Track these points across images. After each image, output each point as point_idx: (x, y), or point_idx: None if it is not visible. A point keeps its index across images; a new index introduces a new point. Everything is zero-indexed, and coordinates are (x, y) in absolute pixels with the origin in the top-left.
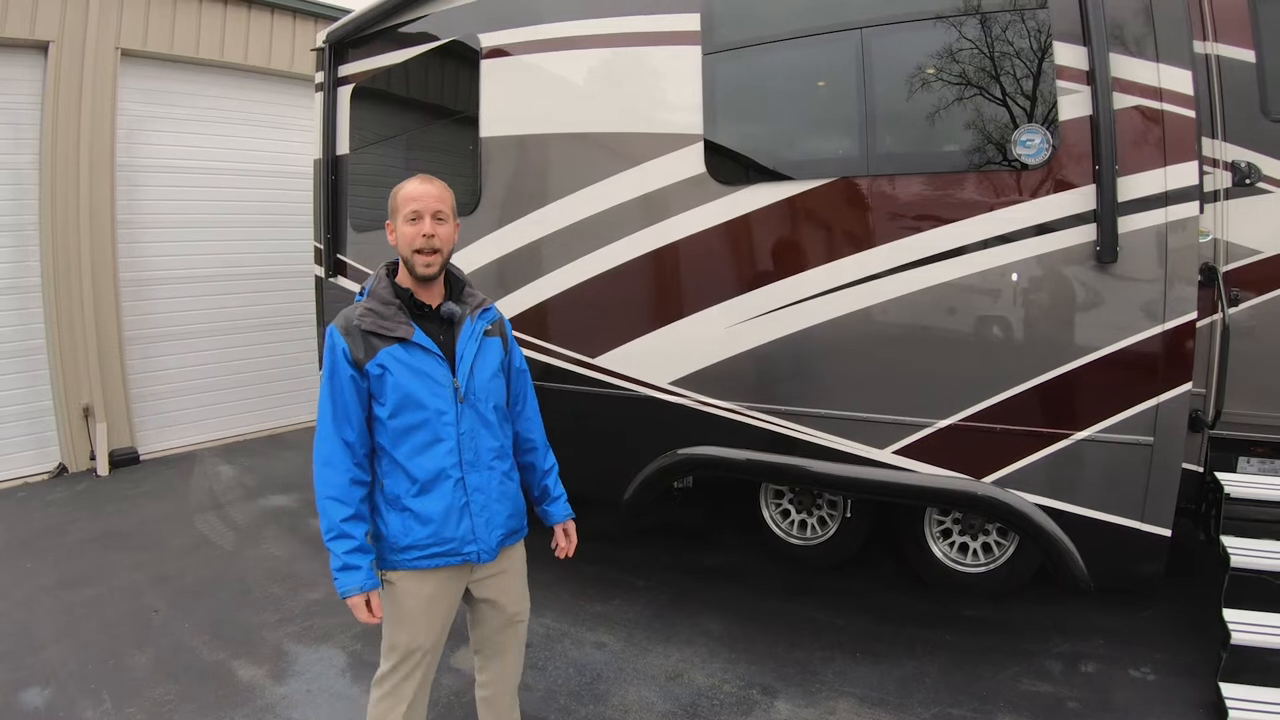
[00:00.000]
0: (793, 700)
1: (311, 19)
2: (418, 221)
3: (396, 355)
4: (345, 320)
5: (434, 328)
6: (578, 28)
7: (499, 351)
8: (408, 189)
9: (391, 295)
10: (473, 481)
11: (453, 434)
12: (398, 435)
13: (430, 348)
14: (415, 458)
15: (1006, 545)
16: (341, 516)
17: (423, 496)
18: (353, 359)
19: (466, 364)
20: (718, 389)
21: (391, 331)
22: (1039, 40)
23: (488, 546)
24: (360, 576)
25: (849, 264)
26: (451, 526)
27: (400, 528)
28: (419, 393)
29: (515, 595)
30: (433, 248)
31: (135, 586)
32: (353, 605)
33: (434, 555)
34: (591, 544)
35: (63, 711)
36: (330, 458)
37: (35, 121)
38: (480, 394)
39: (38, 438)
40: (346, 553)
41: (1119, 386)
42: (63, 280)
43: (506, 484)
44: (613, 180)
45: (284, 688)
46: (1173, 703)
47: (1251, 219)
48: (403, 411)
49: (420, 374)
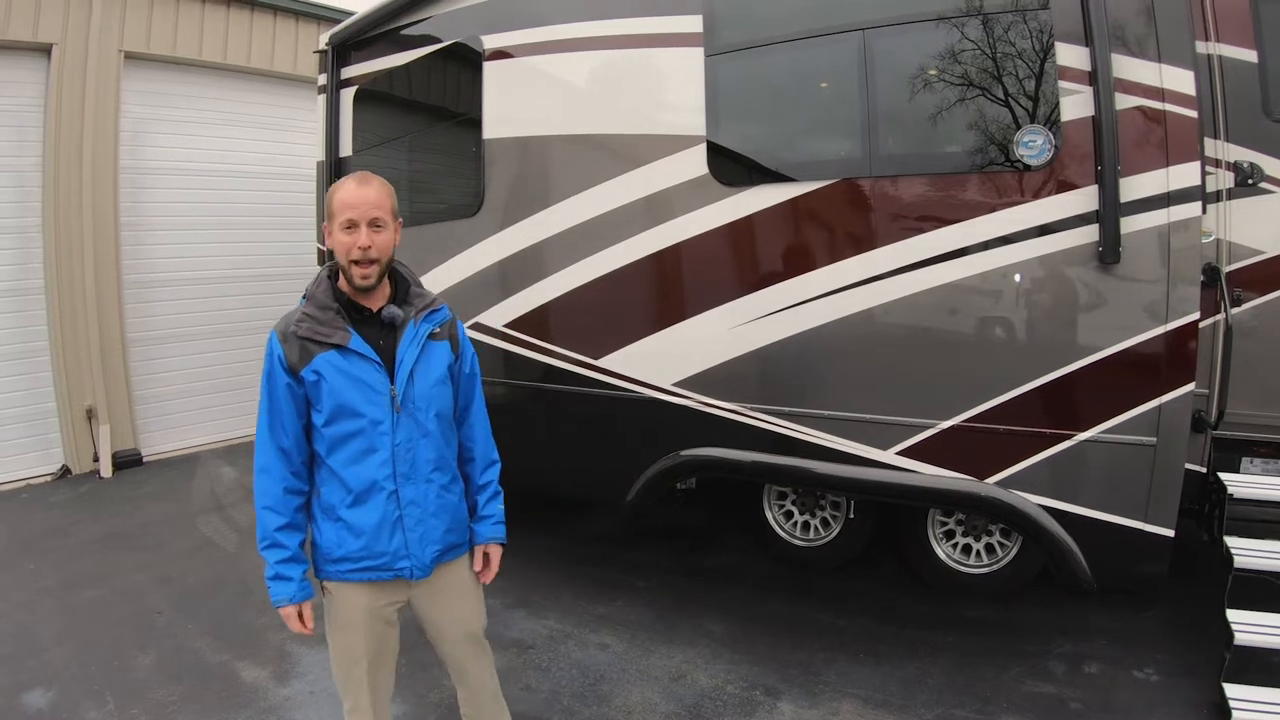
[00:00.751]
0: (796, 701)
1: (314, 21)
2: (353, 231)
3: (333, 362)
4: (284, 325)
5: (374, 332)
6: (580, 29)
7: (446, 356)
8: (342, 193)
9: (330, 299)
10: (407, 495)
11: (388, 444)
12: (333, 443)
13: (367, 354)
14: (350, 467)
15: (1009, 546)
16: (275, 525)
17: (356, 508)
18: (288, 365)
19: (405, 370)
20: (721, 390)
21: (328, 338)
22: (1041, 41)
23: (421, 563)
24: (291, 588)
25: (852, 265)
26: (384, 540)
27: (334, 538)
28: (354, 401)
29: (462, 613)
30: (369, 259)
31: (138, 588)
32: (285, 616)
33: (365, 569)
34: (594, 546)
35: (66, 713)
36: (267, 465)
37: (39, 124)
38: (420, 402)
39: (41, 439)
40: (279, 562)
41: (1122, 387)
42: (66, 282)
43: (445, 497)
44: (616, 182)
45: (287, 689)
46: (1175, 703)
47: (1254, 219)
48: (338, 419)
49: (356, 381)
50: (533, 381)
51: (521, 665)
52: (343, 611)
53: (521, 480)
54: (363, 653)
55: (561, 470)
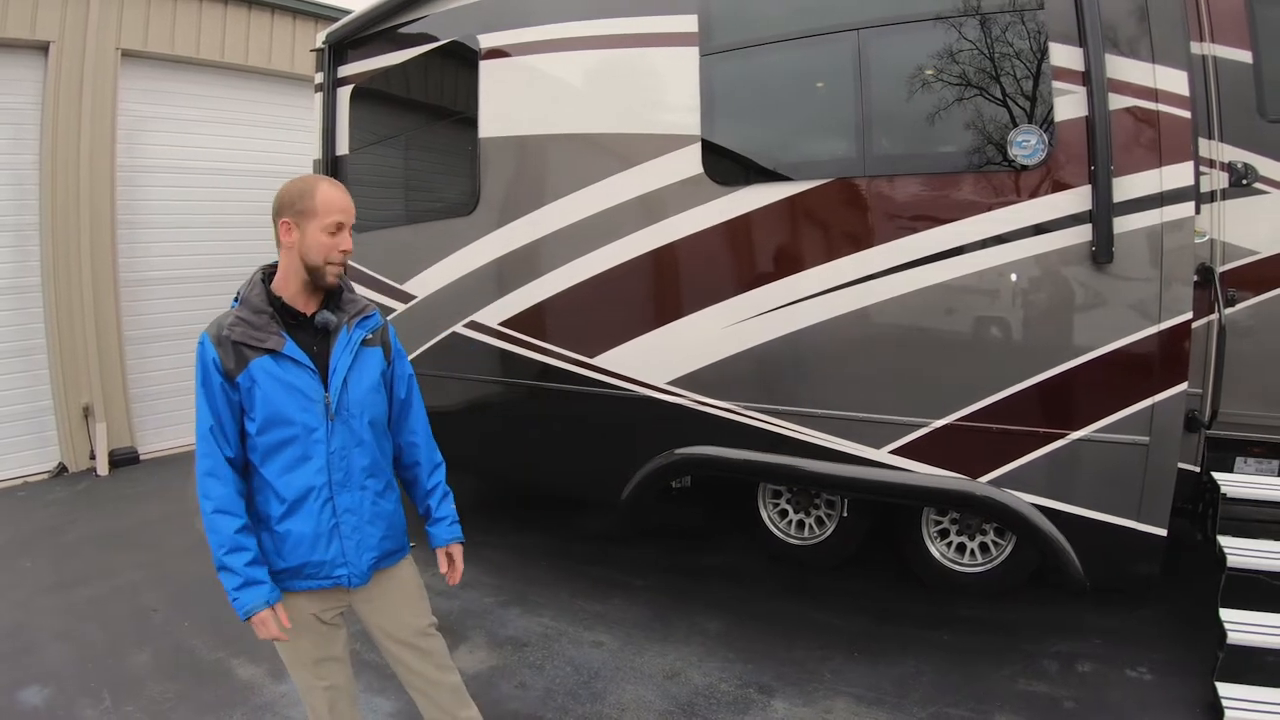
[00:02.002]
0: (790, 699)
1: (311, 19)
2: (338, 234)
3: (266, 368)
4: (217, 328)
5: (308, 338)
6: (576, 29)
7: (379, 362)
8: (329, 196)
9: (264, 303)
10: (343, 502)
11: (323, 452)
12: (266, 452)
13: (302, 360)
14: (283, 476)
15: (1003, 545)
16: (234, 528)
17: (291, 517)
18: (224, 370)
19: (339, 377)
20: (715, 389)
21: (262, 343)
22: (1035, 41)
23: (358, 570)
24: (264, 591)
25: (846, 264)
26: (321, 549)
27: (271, 549)
28: (287, 408)
29: (406, 615)
30: (345, 261)
31: (135, 586)
32: (259, 623)
33: (305, 578)
34: (589, 544)
35: (62, 710)
36: (214, 469)
37: (36, 122)
38: (354, 409)
39: (38, 437)
40: (245, 565)
41: (1115, 386)
42: (63, 280)
43: (380, 504)
44: (611, 181)
45: (282, 686)
46: (1169, 702)
47: (1248, 219)
48: (271, 427)
49: (290, 388)
50: (528, 380)
51: (516, 663)
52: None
53: (517, 478)
54: (308, 655)
55: (556, 468)
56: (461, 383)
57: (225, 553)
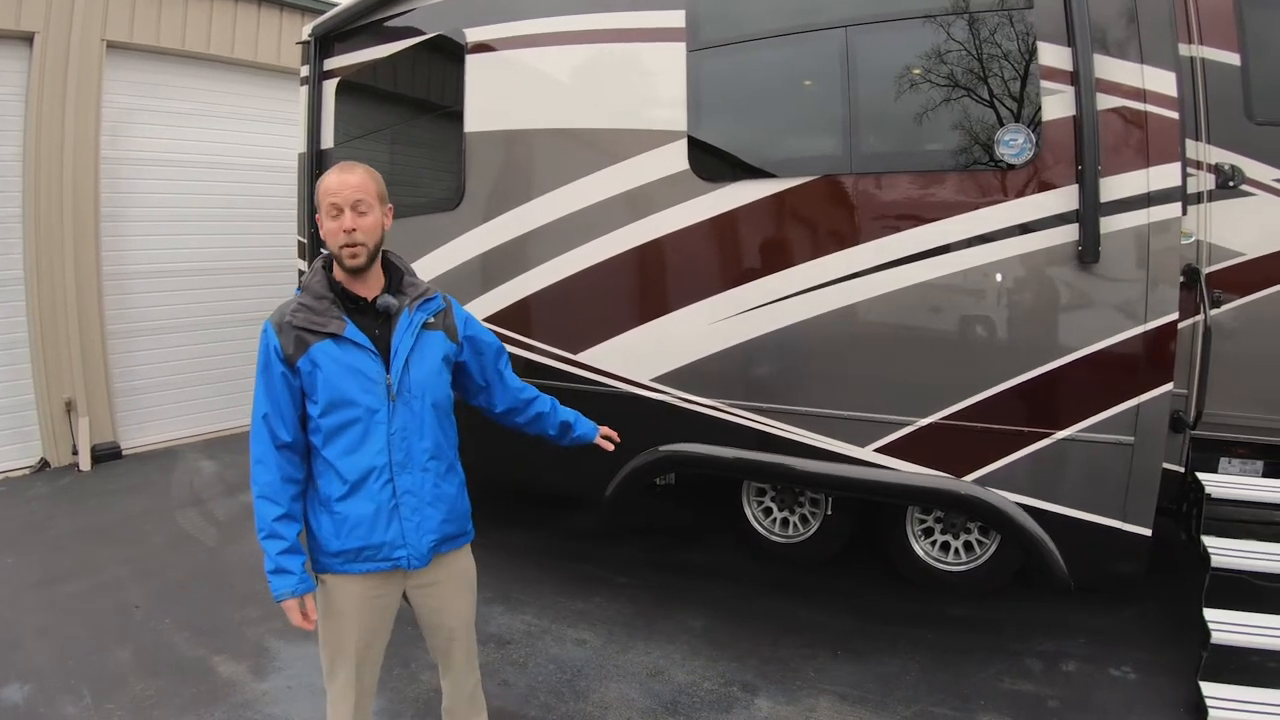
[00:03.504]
0: (773, 698)
1: (298, 12)
2: (338, 216)
3: (328, 351)
4: (279, 315)
5: (369, 322)
6: (563, 23)
7: (442, 345)
8: (327, 182)
9: (325, 289)
10: (403, 483)
11: (384, 433)
12: (329, 434)
13: (363, 343)
14: (345, 457)
15: (988, 544)
16: (273, 516)
17: (351, 498)
18: (284, 355)
19: (401, 359)
20: (700, 386)
21: (323, 327)
22: (1024, 41)
23: (418, 552)
24: (293, 581)
25: (832, 262)
26: (380, 530)
27: (330, 530)
28: (350, 390)
29: (456, 607)
30: (356, 241)
31: (117, 582)
32: (286, 609)
33: (363, 560)
34: (572, 541)
35: (43, 707)
36: (263, 456)
37: (19, 113)
38: (416, 390)
39: (19, 432)
40: (279, 554)
41: (1100, 386)
42: (45, 273)
43: (441, 487)
44: (597, 176)
45: (265, 684)
46: (1153, 701)
47: (1234, 221)
48: (333, 409)
49: (352, 370)
50: None
51: (499, 660)
52: (336, 601)
53: (500, 476)
54: (352, 643)
55: (539, 466)
56: None
57: (263, 538)
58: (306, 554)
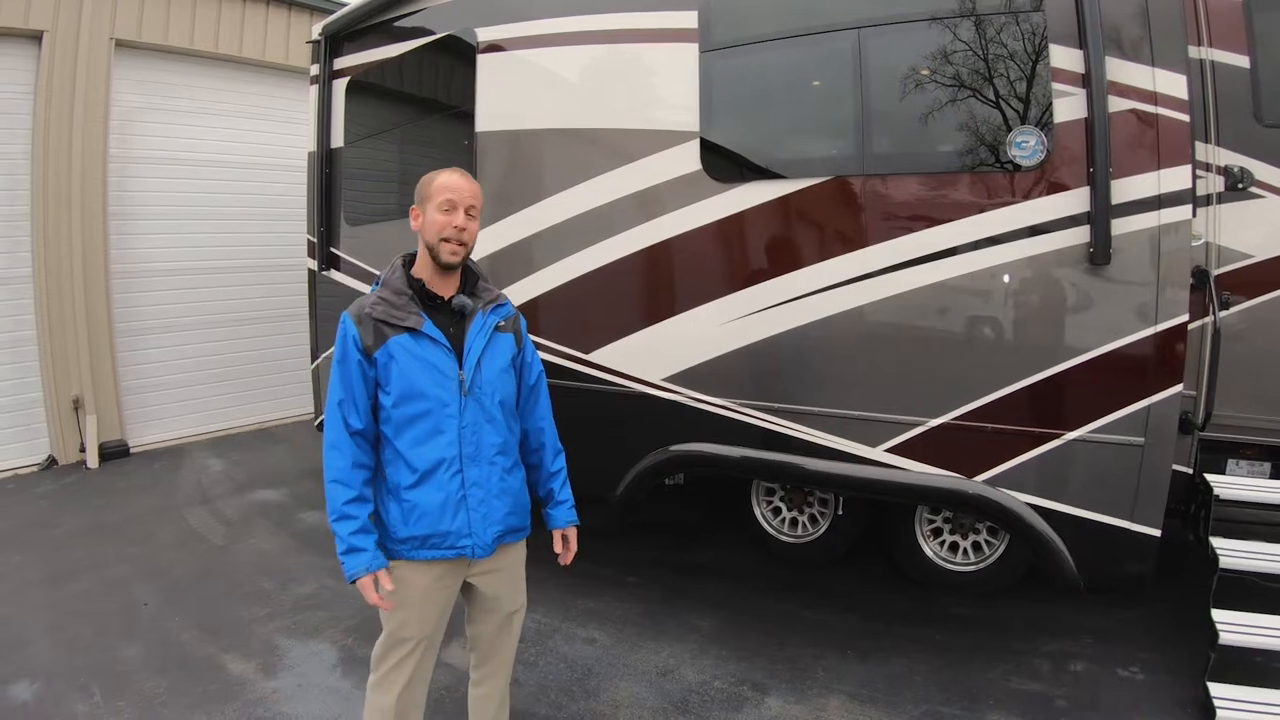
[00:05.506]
0: (783, 697)
1: (307, 11)
2: (451, 212)
3: (405, 344)
4: (358, 308)
5: (445, 319)
6: (575, 23)
7: (510, 348)
8: (445, 179)
9: (405, 285)
10: (471, 475)
11: (454, 426)
12: (401, 424)
13: (438, 339)
14: (416, 448)
15: (997, 544)
16: (344, 499)
17: (421, 487)
18: (362, 346)
19: (474, 357)
20: (711, 386)
21: (402, 321)
22: (1035, 43)
23: (483, 542)
24: (366, 558)
25: (843, 263)
26: (448, 519)
27: (399, 517)
28: (423, 383)
29: (511, 592)
30: (461, 240)
31: (125, 580)
32: (361, 587)
33: (430, 547)
34: (582, 540)
35: (51, 705)
36: (337, 442)
37: (28, 112)
38: (486, 388)
39: (27, 429)
40: (351, 534)
41: (1110, 387)
42: (53, 272)
43: (507, 480)
44: (608, 176)
45: (275, 682)
46: (1161, 702)
47: (1243, 223)
48: (406, 401)
49: (426, 364)
50: None
51: None
52: (403, 589)
53: None
54: (414, 630)
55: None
56: None
57: (335, 520)
58: (377, 533)
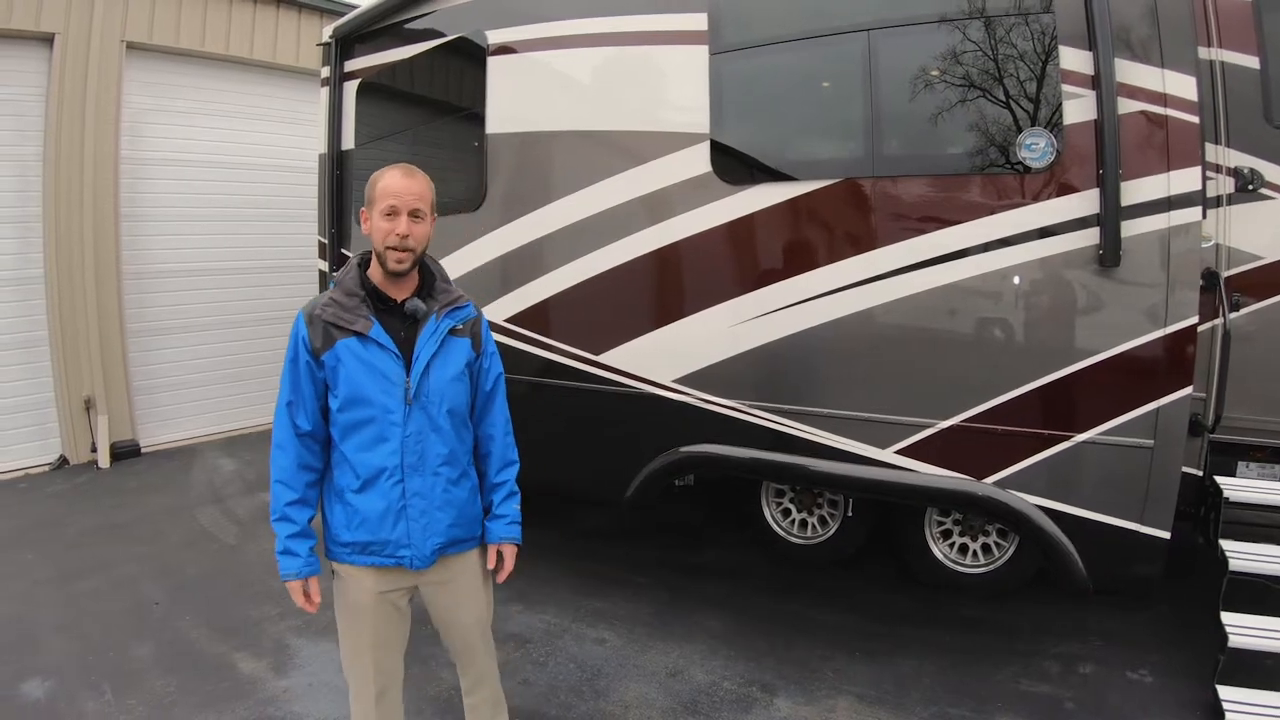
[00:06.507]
0: (792, 698)
1: (317, 14)
2: (393, 218)
3: (352, 348)
4: (310, 308)
5: (396, 323)
6: (585, 26)
7: (465, 353)
8: (387, 181)
9: (357, 287)
10: (413, 485)
11: (398, 434)
12: (346, 429)
13: (386, 344)
14: (360, 454)
15: (1006, 546)
16: (286, 500)
17: (364, 493)
18: (311, 347)
19: (422, 364)
20: (721, 387)
21: (350, 324)
22: (1044, 44)
23: (421, 554)
24: (298, 563)
25: (853, 265)
26: (388, 528)
27: (343, 520)
28: (368, 389)
29: (467, 603)
30: (406, 246)
31: (136, 579)
32: (290, 590)
33: (370, 553)
34: (593, 541)
35: (63, 703)
36: (283, 442)
37: (40, 114)
38: (433, 396)
39: (39, 429)
40: (288, 537)
41: (1120, 389)
42: (65, 272)
43: (452, 491)
44: (618, 178)
45: (286, 681)
46: (1170, 705)
47: (1254, 225)
48: (351, 406)
49: (372, 370)
50: (532, 376)
51: (519, 659)
52: (350, 594)
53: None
54: (368, 638)
55: (561, 466)
56: None
57: (275, 520)
58: (318, 539)
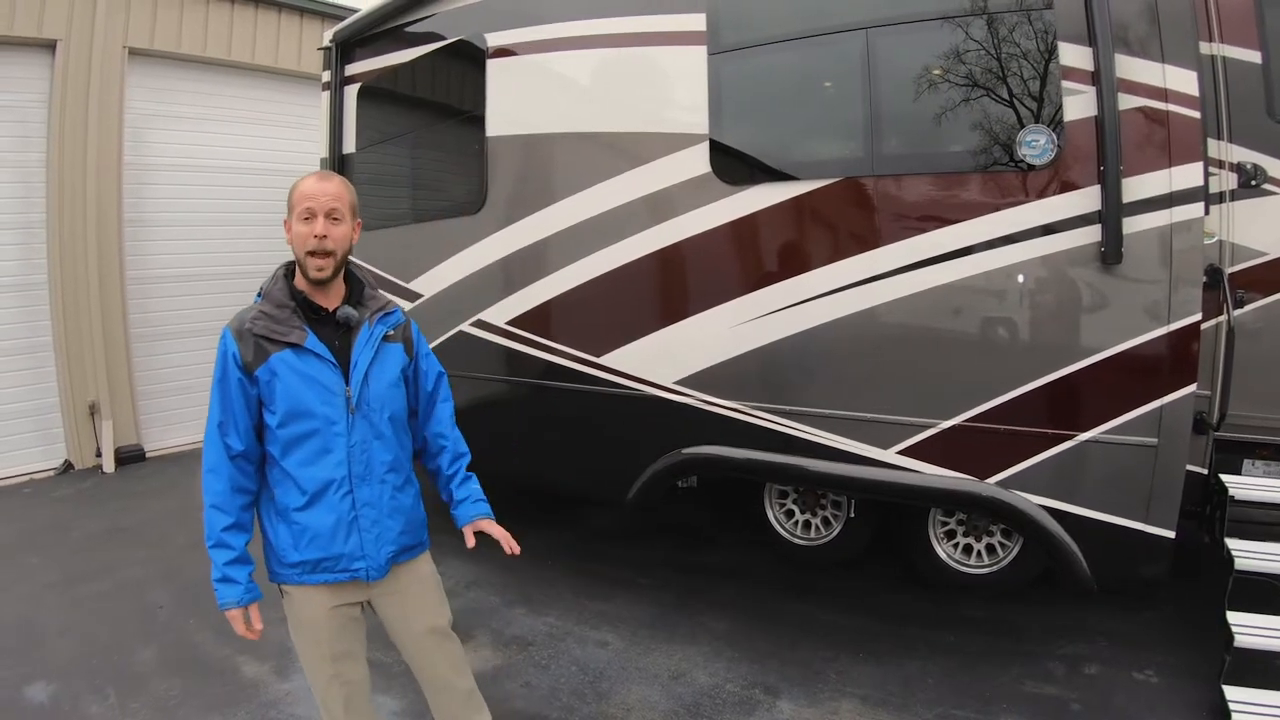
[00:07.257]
0: (795, 700)
1: (319, 18)
2: (310, 221)
3: (288, 361)
4: (238, 322)
5: (329, 333)
6: (584, 27)
7: (400, 358)
8: (303, 186)
9: (287, 297)
10: (363, 495)
11: (343, 445)
12: (288, 444)
13: (323, 354)
14: (304, 468)
15: (1010, 546)
16: (222, 525)
17: (311, 509)
18: (242, 363)
19: (360, 372)
20: (722, 388)
21: (284, 336)
22: (1044, 41)
23: (376, 564)
24: (238, 591)
25: (854, 264)
26: (340, 542)
27: (289, 541)
28: (310, 401)
29: (419, 612)
30: (325, 250)
31: (140, 582)
32: (231, 619)
33: (322, 570)
34: (595, 543)
35: (67, 706)
36: (215, 465)
37: (43, 120)
38: (374, 403)
39: (44, 434)
40: (225, 564)
41: (1124, 388)
42: (69, 278)
43: (399, 498)
44: (618, 180)
45: (288, 684)
46: (1175, 705)
47: (1257, 221)
48: (293, 420)
49: (311, 381)
50: (534, 379)
51: (521, 662)
52: (303, 611)
53: (523, 478)
54: (326, 651)
55: (563, 468)
56: (468, 382)
57: (211, 547)
58: (255, 564)
